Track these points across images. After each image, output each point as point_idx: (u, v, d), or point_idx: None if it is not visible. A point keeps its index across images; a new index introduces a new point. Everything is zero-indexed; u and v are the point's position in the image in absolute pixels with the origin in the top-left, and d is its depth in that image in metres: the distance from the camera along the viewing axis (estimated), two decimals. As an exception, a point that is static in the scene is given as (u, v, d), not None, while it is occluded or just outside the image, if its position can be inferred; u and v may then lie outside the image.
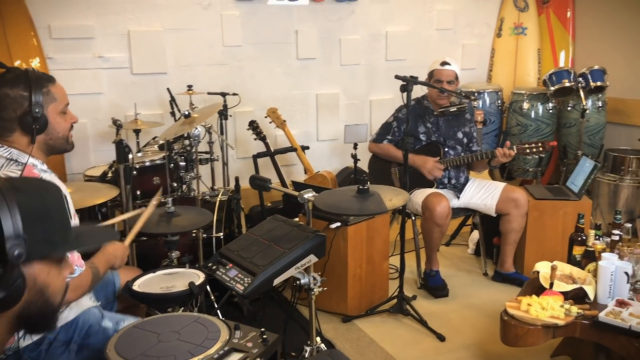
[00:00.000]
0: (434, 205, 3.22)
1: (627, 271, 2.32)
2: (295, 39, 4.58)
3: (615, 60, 4.78)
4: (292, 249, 2.01)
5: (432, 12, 5.07)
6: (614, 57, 4.83)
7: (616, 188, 4.32)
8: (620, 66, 4.75)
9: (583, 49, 5.22)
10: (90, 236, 1.19)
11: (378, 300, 3.21)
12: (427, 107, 3.55)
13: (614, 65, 4.63)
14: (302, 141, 4.47)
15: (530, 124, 4.77)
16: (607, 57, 4.84)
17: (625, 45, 4.81)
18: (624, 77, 4.75)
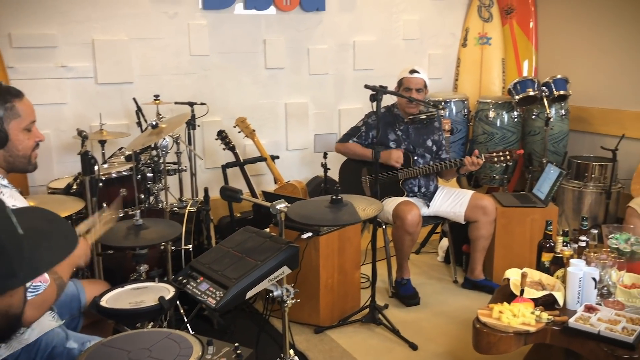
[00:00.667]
0: (405, 213, 3.23)
1: (594, 277, 2.36)
2: (263, 48, 4.56)
3: (576, 69, 4.91)
4: (265, 261, 1.98)
5: (398, 22, 5.12)
6: (576, 67, 4.96)
7: (580, 194, 4.42)
8: (582, 75, 4.88)
9: (546, 59, 5.35)
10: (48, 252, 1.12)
11: (350, 310, 3.20)
12: (397, 115, 3.57)
13: (575, 74, 4.75)
14: (272, 151, 4.44)
15: (496, 132, 4.84)
16: (569, 66, 4.97)
17: (586, 55, 4.95)
18: (585, 86, 4.88)
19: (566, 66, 4.98)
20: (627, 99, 4.62)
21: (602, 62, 4.81)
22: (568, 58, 5.09)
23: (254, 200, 2.29)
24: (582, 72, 4.91)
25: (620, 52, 4.66)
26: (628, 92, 4.61)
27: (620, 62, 4.67)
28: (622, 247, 2.64)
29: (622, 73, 4.66)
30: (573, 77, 4.65)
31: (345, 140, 3.63)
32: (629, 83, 4.61)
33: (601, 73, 4.83)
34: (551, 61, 5.28)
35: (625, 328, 2.14)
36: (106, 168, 3.23)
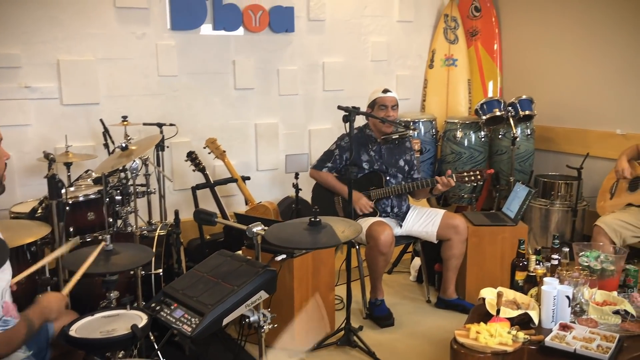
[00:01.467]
0: (378, 234, 3.23)
1: (568, 295, 2.39)
2: (232, 69, 4.54)
3: (541, 90, 5.03)
4: (241, 286, 1.94)
5: (366, 44, 5.17)
6: (540, 87, 5.08)
7: (547, 212, 4.50)
8: (546, 96, 5.00)
9: (510, 80, 5.47)
10: None
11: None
12: (370, 136, 3.59)
13: (540, 95, 4.87)
14: (242, 171, 4.40)
15: (464, 152, 4.91)
16: (533, 87, 5.09)
17: (550, 76, 5.08)
18: (549, 106, 5.00)
19: (530, 87, 5.11)
20: (591, 119, 4.75)
21: (566, 82, 4.95)
22: (532, 79, 5.22)
23: (230, 224, 2.24)
24: (546, 93, 5.03)
25: (583, 73, 4.80)
26: (591, 112, 4.74)
27: (583, 83, 4.81)
28: (592, 264, 2.68)
29: (586, 93, 4.79)
30: (537, 98, 4.77)
31: (319, 167, 3.62)
32: (592, 103, 4.74)
33: (565, 93, 4.96)
34: (515, 82, 5.41)
35: (600, 346, 2.17)
36: (73, 191, 3.14)
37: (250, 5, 4.48)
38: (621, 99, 4.52)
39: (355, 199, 3.44)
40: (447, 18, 5.51)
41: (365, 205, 3.46)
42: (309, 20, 4.81)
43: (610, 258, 2.71)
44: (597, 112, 4.71)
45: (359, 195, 3.48)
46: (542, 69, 5.14)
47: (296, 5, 4.71)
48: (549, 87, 5.07)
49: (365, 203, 3.46)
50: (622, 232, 3.38)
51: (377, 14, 5.18)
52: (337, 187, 3.55)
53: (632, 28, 4.40)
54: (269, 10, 4.57)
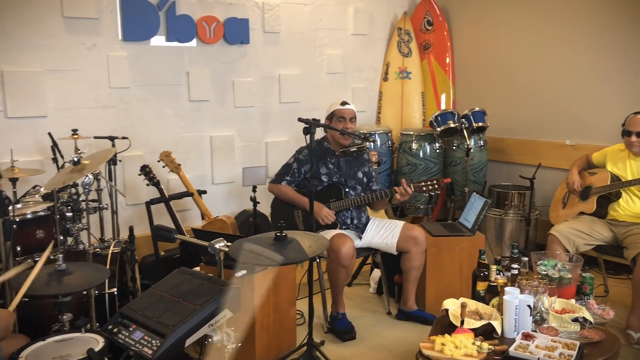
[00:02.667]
0: (339, 246, 3.20)
1: (529, 304, 2.42)
2: (186, 80, 4.45)
3: (492, 102, 5.15)
4: (204, 305, 1.88)
5: (322, 56, 5.17)
6: (492, 100, 5.20)
7: (501, 222, 4.58)
8: (498, 108, 5.12)
9: (462, 92, 5.58)
10: None
11: (287, 350, 3.10)
12: (328, 149, 3.57)
13: (492, 107, 4.98)
14: (197, 185, 4.31)
15: (419, 164, 4.96)
16: (485, 99, 5.21)
17: (500, 89, 5.21)
18: (501, 118, 5.12)
19: (482, 99, 5.22)
20: (542, 130, 4.89)
21: (516, 95, 5.08)
22: (484, 91, 5.34)
23: (191, 240, 2.17)
24: (498, 105, 5.16)
25: (533, 85, 4.94)
26: (542, 123, 4.88)
27: (533, 95, 4.95)
28: (551, 273, 2.74)
29: (536, 105, 4.93)
30: (489, 110, 4.87)
31: (278, 180, 3.58)
32: (542, 115, 4.88)
33: (516, 105, 5.09)
34: (468, 94, 5.52)
35: (562, 354, 2.20)
36: (20, 208, 2.99)
37: (205, 16, 4.42)
38: (570, 110, 4.67)
39: (316, 209, 3.41)
40: (400, 31, 5.58)
41: (327, 215, 3.43)
42: (264, 32, 4.78)
43: (567, 266, 2.77)
44: (547, 124, 4.85)
45: (320, 206, 3.45)
46: (493, 82, 5.27)
47: (251, 17, 4.67)
48: (500, 100, 5.20)
49: (327, 213, 3.43)
50: (575, 240, 3.47)
51: (332, 27, 5.19)
52: (297, 199, 3.51)
53: (579, 42, 4.56)
54: (224, 22, 4.52)
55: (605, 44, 4.39)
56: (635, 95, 4.21)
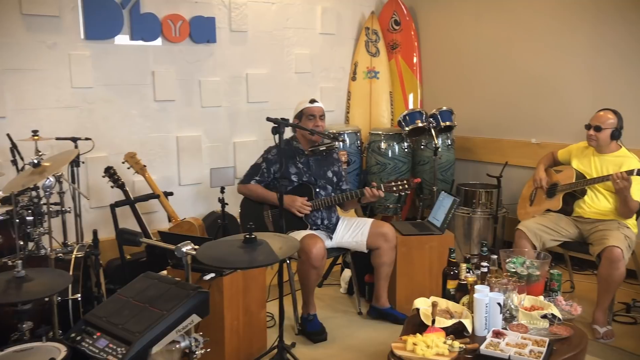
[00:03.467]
0: (310, 247, 3.17)
1: (499, 302, 2.43)
2: (152, 80, 4.36)
3: (459, 102, 5.19)
4: (171, 310, 1.82)
5: (290, 55, 5.14)
6: (459, 99, 5.24)
7: (470, 220, 4.62)
8: (465, 107, 5.17)
9: (430, 92, 5.61)
10: None
11: (257, 353, 3.05)
12: (297, 148, 3.54)
13: (459, 106, 5.02)
14: (164, 187, 4.23)
15: (388, 163, 4.97)
16: (452, 99, 5.25)
17: (467, 89, 5.26)
18: (468, 118, 5.17)
19: (449, 99, 5.26)
20: (508, 129, 4.94)
21: (483, 94, 5.14)
22: (451, 91, 5.38)
23: (157, 244, 2.11)
24: (465, 104, 5.20)
25: (499, 85, 4.99)
26: (508, 122, 4.94)
27: (499, 95, 5.01)
28: (519, 270, 2.75)
29: (502, 105, 4.99)
30: (456, 109, 4.91)
31: (247, 181, 3.54)
32: (508, 114, 4.94)
33: (482, 105, 5.14)
34: (435, 94, 5.55)
35: (532, 351, 2.21)
36: (-24, 213, 2.87)
37: (170, 15, 4.34)
38: (535, 109, 4.74)
39: (289, 202, 3.37)
40: (368, 31, 5.58)
41: (303, 205, 3.39)
42: (231, 31, 4.72)
43: (535, 263, 2.79)
44: (513, 123, 4.91)
45: (292, 198, 3.40)
46: (460, 81, 5.31)
47: (217, 15, 4.60)
48: (467, 99, 5.24)
49: (302, 203, 3.39)
50: (542, 236, 3.51)
51: (300, 26, 5.16)
52: (268, 196, 3.46)
53: (544, 43, 4.63)
54: (190, 21, 4.44)
55: (569, 44, 4.47)
56: (598, 94, 4.30)
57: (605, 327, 3.31)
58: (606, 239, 3.27)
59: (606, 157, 3.54)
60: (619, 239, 3.25)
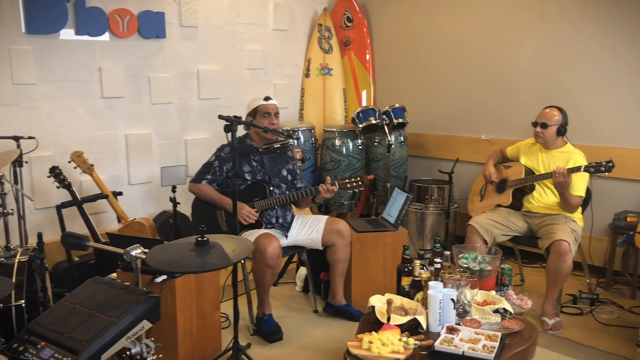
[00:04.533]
0: (265, 246, 3.14)
1: (453, 298, 2.46)
2: (99, 76, 4.22)
3: (412, 99, 5.24)
4: (121, 317, 1.76)
5: (242, 52, 5.07)
6: (411, 97, 5.29)
7: (422, 216, 4.68)
8: (417, 105, 5.22)
9: (383, 89, 5.64)
10: None
11: (211, 355, 3.00)
12: (251, 146, 3.49)
13: (411, 103, 5.07)
14: (113, 186, 4.10)
15: (342, 160, 4.97)
16: (405, 96, 5.29)
17: (419, 86, 5.31)
18: (420, 115, 5.22)
19: (402, 96, 5.31)
20: (459, 126, 5.02)
21: (434, 91, 5.20)
22: (403, 88, 5.43)
23: (103, 247, 2.04)
24: (417, 101, 5.26)
25: (449, 82, 5.07)
26: (459, 119, 5.02)
27: (449, 92, 5.08)
28: (472, 265, 2.80)
29: (453, 102, 5.06)
30: (409, 106, 4.96)
31: (199, 179, 3.47)
32: (459, 111, 5.02)
33: (434, 102, 5.21)
34: (388, 91, 5.59)
35: (485, 346, 2.25)
36: None
37: (117, 9, 4.20)
38: (485, 107, 4.83)
39: (243, 213, 3.33)
40: (321, 28, 5.57)
41: (249, 214, 3.36)
42: (181, 27, 4.62)
43: (487, 259, 2.84)
44: (463, 120, 4.99)
45: (240, 205, 3.36)
46: (412, 79, 5.37)
47: (167, 10, 4.49)
48: (419, 96, 5.30)
49: (248, 212, 3.35)
50: (492, 231, 3.58)
51: (252, 22, 5.10)
52: (219, 199, 3.41)
53: (492, 41, 4.72)
54: (138, 15, 4.32)
55: (517, 42, 4.57)
56: (544, 91, 4.41)
57: (554, 318, 3.41)
58: (554, 233, 3.36)
59: (553, 153, 3.64)
60: (566, 232, 3.35)
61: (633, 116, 4.00)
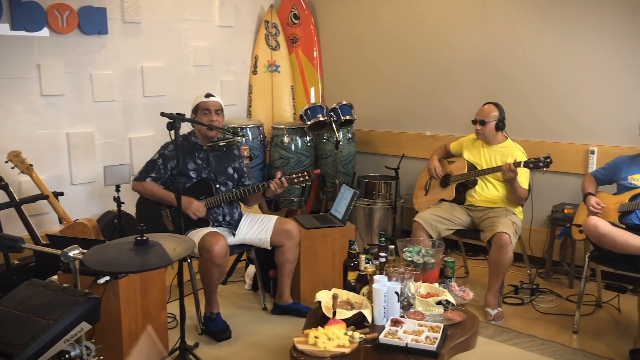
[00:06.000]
0: (212, 245, 3.11)
1: (397, 291, 2.50)
2: (37, 73, 4.08)
3: (359, 96, 5.30)
4: (58, 319, 1.71)
5: (187, 48, 5.00)
6: (358, 94, 5.35)
7: (370, 211, 4.74)
8: (364, 102, 5.28)
9: (330, 86, 5.68)
10: None
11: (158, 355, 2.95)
12: (196, 143, 3.45)
13: (358, 101, 5.12)
14: (54, 186, 3.99)
15: (291, 157, 4.97)
16: (352, 93, 5.35)
17: (366, 83, 5.37)
18: (367, 112, 5.29)
19: (349, 93, 5.36)
20: (405, 123, 5.11)
21: (380, 89, 5.27)
22: (350, 85, 5.48)
23: (40, 249, 1.98)
24: (365, 99, 5.32)
25: (396, 80, 5.14)
26: (406, 116, 5.11)
27: (395, 89, 5.16)
28: (415, 259, 2.86)
29: (399, 99, 5.15)
30: (356, 103, 5.01)
31: (142, 177, 3.40)
32: (405, 108, 5.11)
33: (381, 99, 5.28)
34: (335, 88, 5.63)
35: (428, 337, 2.30)
36: None
37: (55, 4, 4.07)
38: (429, 104, 4.93)
39: (186, 205, 3.28)
40: (267, 24, 5.55)
41: (198, 208, 3.31)
42: (123, 23, 4.52)
43: (430, 252, 2.91)
44: (409, 116, 5.08)
45: (189, 200, 3.31)
46: (359, 76, 5.42)
47: (109, 6, 4.39)
48: (366, 93, 5.36)
49: (198, 206, 3.31)
50: (437, 226, 3.66)
51: (197, 18, 5.04)
52: (164, 195, 3.35)
53: (436, 38, 4.82)
54: (78, 11, 4.20)
55: (458, 39, 4.68)
56: (485, 88, 4.54)
57: (496, 309, 3.51)
58: (495, 225, 3.47)
59: (494, 148, 3.75)
60: (507, 225, 3.46)
61: (570, 112, 4.16)
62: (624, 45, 3.86)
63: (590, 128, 4.07)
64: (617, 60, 3.90)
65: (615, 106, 3.95)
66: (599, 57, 3.97)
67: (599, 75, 4.00)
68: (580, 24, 4.03)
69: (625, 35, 3.85)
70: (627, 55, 3.86)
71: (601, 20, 3.93)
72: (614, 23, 3.88)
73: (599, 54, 3.97)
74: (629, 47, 3.84)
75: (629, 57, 3.85)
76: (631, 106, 3.85)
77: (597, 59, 3.98)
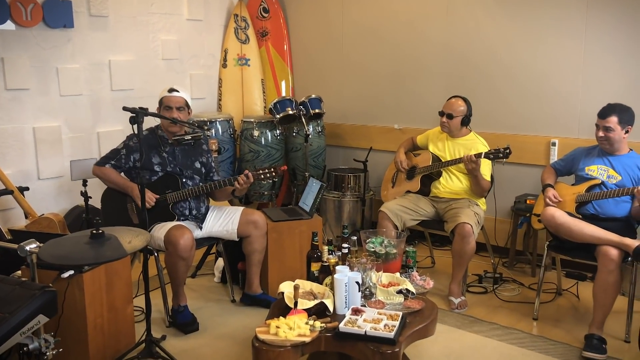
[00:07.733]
0: (177, 238, 3.13)
1: (357, 281, 2.55)
2: (1, 67, 4.04)
3: (328, 90, 5.34)
4: (14, 312, 1.73)
5: (156, 42, 4.98)
6: (327, 87, 5.39)
7: (340, 204, 4.79)
8: (333, 95, 5.33)
9: (300, 79, 5.71)
10: None
11: (124, 348, 2.97)
12: (162, 137, 3.46)
13: (328, 94, 5.16)
14: (19, 181, 3.96)
15: (261, 150, 5.00)
16: (322, 87, 5.39)
17: (335, 77, 5.41)
18: (337, 105, 5.33)
19: (319, 87, 5.40)
20: (373, 116, 5.17)
21: (349, 82, 5.32)
22: (320, 79, 5.52)
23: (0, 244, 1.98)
24: (334, 92, 5.36)
25: (364, 73, 5.19)
26: (373, 110, 5.16)
27: (363, 83, 5.21)
28: (378, 249, 2.91)
29: (367, 93, 5.20)
30: (325, 97, 5.05)
31: (102, 163, 3.40)
32: (373, 102, 5.16)
33: (350, 93, 5.32)
34: (305, 82, 5.66)
35: (387, 325, 2.36)
36: None
37: (19, -4, 4.03)
38: (397, 97, 4.99)
39: (135, 194, 3.30)
40: (237, 18, 5.55)
41: (149, 199, 3.31)
42: (90, 16, 4.48)
43: (392, 242, 2.97)
44: (377, 110, 5.14)
45: (132, 187, 3.34)
46: (329, 69, 5.46)
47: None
48: (335, 87, 5.40)
49: (149, 197, 3.30)
50: (402, 216, 3.72)
51: (166, 12, 5.02)
52: (122, 183, 3.36)
53: (404, 32, 4.87)
54: (42, 4, 4.15)
55: (424, 34, 4.74)
56: (450, 82, 4.61)
57: (460, 297, 3.59)
58: (458, 216, 3.54)
59: (458, 141, 3.82)
60: (469, 216, 3.54)
61: (531, 105, 4.25)
62: (583, 40, 3.96)
63: (552, 120, 4.17)
64: (577, 54, 4.00)
65: (576, 99, 4.05)
66: (560, 51, 4.07)
67: (560, 69, 4.09)
68: (541, 18, 4.11)
69: (584, 29, 3.94)
70: (587, 49, 3.96)
71: (561, 15, 4.02)
72: (574, 17, 3.97)
73: (560, 48, 4.06)
74: (589, 41, 3.94)
75: (588, 51, 3.95)
76: (591, 99, 3.95)
77: (559, 53, 4.08)
